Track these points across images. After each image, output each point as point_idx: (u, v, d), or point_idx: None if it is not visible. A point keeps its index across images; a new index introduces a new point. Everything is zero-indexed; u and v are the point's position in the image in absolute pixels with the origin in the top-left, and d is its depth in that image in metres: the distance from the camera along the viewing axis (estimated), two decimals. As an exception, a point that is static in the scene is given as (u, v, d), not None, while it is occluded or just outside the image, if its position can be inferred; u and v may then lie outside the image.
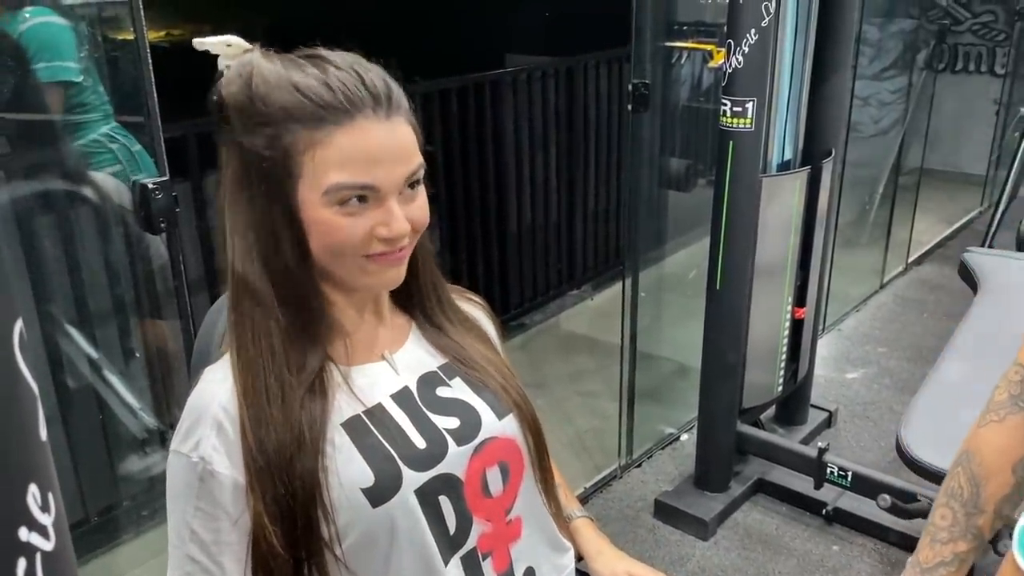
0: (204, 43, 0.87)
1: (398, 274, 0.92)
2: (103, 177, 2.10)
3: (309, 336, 0.90)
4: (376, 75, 0.87)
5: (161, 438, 1.92)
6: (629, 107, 2.51)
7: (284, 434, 0.85)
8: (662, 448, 3.05)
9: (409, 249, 0.91)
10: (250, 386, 0.87)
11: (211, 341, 1.07)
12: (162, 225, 1.48)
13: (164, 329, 2.04)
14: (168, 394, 2.01)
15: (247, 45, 0.87)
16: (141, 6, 1.42)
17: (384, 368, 0.97)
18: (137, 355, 2.05)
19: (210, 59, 0.88)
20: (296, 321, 0.89)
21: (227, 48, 0.87)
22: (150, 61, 1.45)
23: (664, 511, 2.67)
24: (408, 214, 0.88)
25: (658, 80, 2.72)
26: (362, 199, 0.85)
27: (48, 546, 0.39)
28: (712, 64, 4.34)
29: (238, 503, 0.86)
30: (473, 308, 1.11)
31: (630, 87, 2.49)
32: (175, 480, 0.89)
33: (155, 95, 1.46)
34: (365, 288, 0.94)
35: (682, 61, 4.27)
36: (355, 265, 0.88)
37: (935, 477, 1.97)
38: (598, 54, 4.15)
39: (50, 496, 0.40)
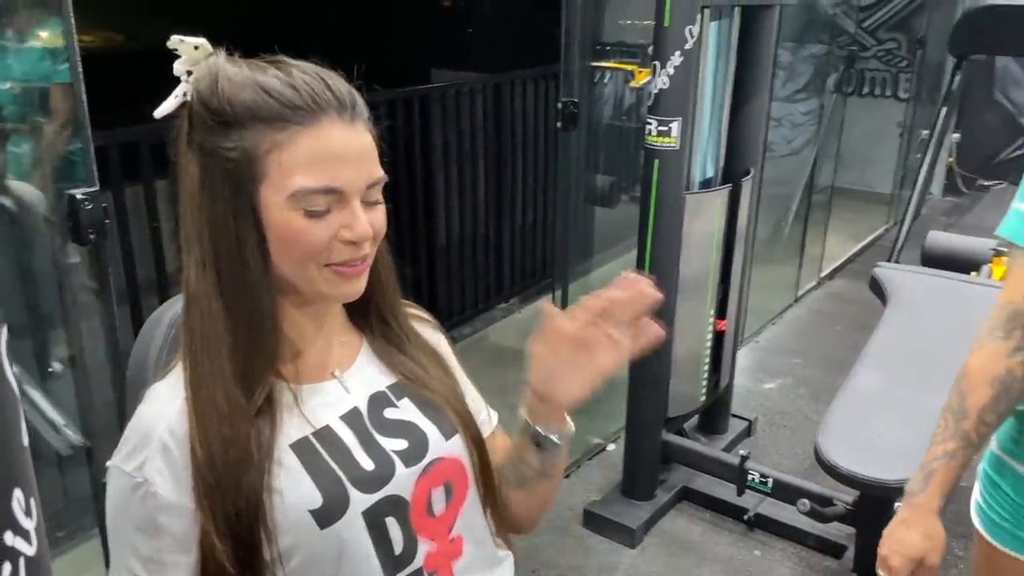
0: (181, 41, 0.86)
1: (358, 286, 0.92)
2: (21, 186, 2.04)
3: (261, 354, 0.89)
4: (340, 82, 0.88)
5: (88, 455, 1.86)
6: (558, 124, 2.56)
7: (233, 452, 0.85)
8: (590, 458, 3.10)
9: (369, 260, 0.92)
10: (200, 402, 0.86)
11: (148, 355, 1.05)
12: (91, 236, 1.45)
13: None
14: (92, 409, 1.95)
15: (211, 48, 0.88)
16: (72, 14, 1.40)
17: (334, 387, 0.97)
18: (59, 368, 1.99)
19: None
20: (249, 337, 0.88)
21: (194, 51, 0.86)
22: (80, 68, 1.42)
23: (592, 520, 2.71)
24: (371, 221, 0.88)
25: (583, 98, 2.79)
26: (326, 209, 0.86)
27: (31, 551, 0.40)
28: (633, 84, 4.46)
29: (181, 524, 0.85)
30: (424, 326, 1.12)
31: (559, 105, 2.55)
32: (116, 496, 0.88)
33: (86, 104, 1.44)
34: (324, 300, 0.93)
35: (605, 80, 4.38)
36: (317, 275, 0.88)
37: (852, 482, 2.07)
38: (524, 72, 4.22)
39: (32, 501, 0.41)
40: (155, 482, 0.85)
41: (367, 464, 0.93)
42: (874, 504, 2.26)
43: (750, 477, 2.53)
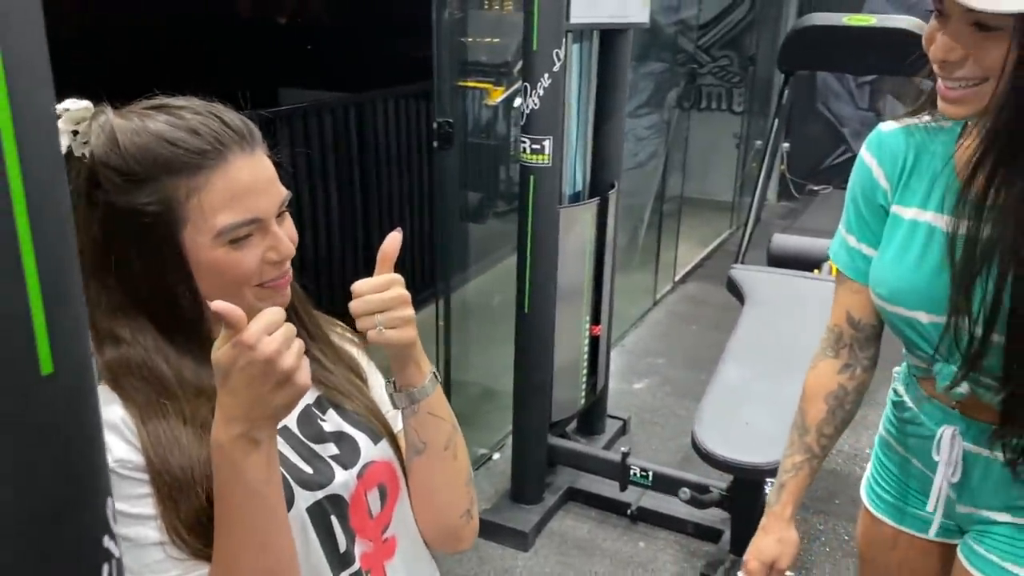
0: (67, 110, 0.86)
1: (287, 295, 0.97)
2: None
3: (210, 398, 0.92)
4: (231, 113, 0.92)
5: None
6: (434, 144, 2.64)
7: (194, 472, 0.87)
8: (476, 469, 3.17)
9: (290, 271, 0.97)
10: (155, 434, 0.88)
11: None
12: None
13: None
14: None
15: (92, 106, 0.89)
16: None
17: None
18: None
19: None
20: (199, 389, 0.91)
21: (75, 112, 0.87)
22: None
23: (485, 528, 2.78)
24: (286, 232, 0.94)
25: (454, 116, 2.87)
26: (248, 235, 0.90)
27: (118, 553, 0.44)
28: (488, 101, 4.60)
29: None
30: (341, 339, 1.16)
31: (435, 125, 2.62)
32: None
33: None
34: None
35: (465, 99, 4.48)
36: (249, 295, 0.92)
37: (727, 467, 2.24)
38: (385, 91, 4.26)
39: (115, 507, 0.44)
40: (131, 460, 0.86)
41: (307, 468, 0.98)
42: (747, 487, 2.45)
43: (632, 472, 2.68)
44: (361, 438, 1.04)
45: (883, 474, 1.39)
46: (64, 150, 0.87)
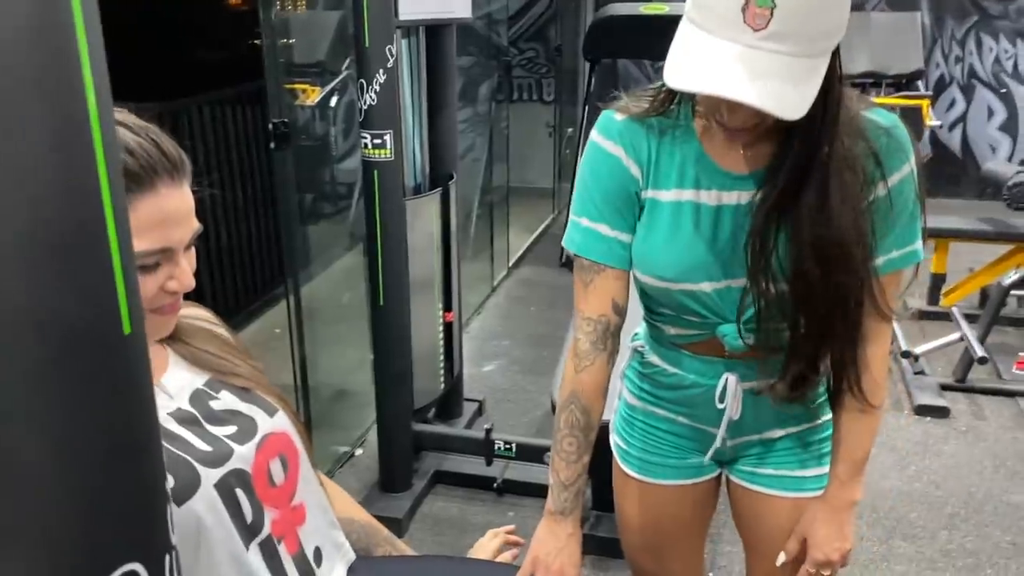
0: None
1: (173, 323, 1.01)
2: None
3: None
4: (168, 141, 0.94)
5: None
6: (272, 145, 2.63)
7: None
8: (340, 466, 3.19)
9: (180, 299, 1.00)
10: None
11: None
12: None
13: None
14: None
15: None
16: None
17: (158, 392, 1.03)
18: None
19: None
20: None
21: None
22: None
23: (359, 521, 2.82)
24: (189, 263, 0.97)
25: (290, 117, 2.86)
26: (155, 264, 0.92)
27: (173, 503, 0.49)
28: (305, 102, 4.57)
29: None
30: (201, 319, 1.19)
31: (271, 126, 2.61)
32: None
33: None
34: None
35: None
36: None
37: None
38: (202, 96, 4.14)
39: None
40: None
41: (206, 448, 1.01)
42: (600, 445, 2.63)
43: (497, 446, 2.81)
44: (256, 413, 1.09)
45: (642, 439, 1.46)
46: None
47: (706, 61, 1.03)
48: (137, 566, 0.42)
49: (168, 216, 0.91)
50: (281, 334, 3.13)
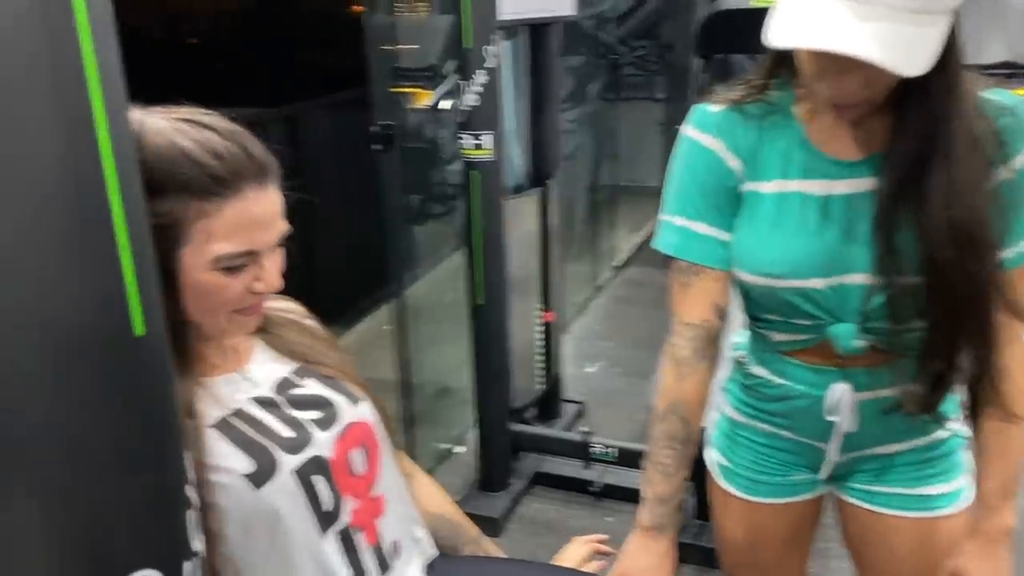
0: None
1: (255, 323, 1.02)
2: None
3: (186, 377, 0.96)
4: (256, 144, 0.95)
5: None
6: (376, 148, 2.68)
7: None
8: (440, 464, 3.22)
9: (265, 299, 1.01)
10: None
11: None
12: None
13: None
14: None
15: None
16: None
17: (240, 379, 1.05)
18: None
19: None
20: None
21: None
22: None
23: (456, 519, 2.83)
24: (276, 265, 0.98)
25: (395, 121, 2.91)
26: (244, 264, 0.94)
27: (197, 502, 0.48)
28: (415, 105, 4.64)
29: None
30: (291, 312, 1.20)
31: (373, 129, 2.66)
32: None
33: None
34: (226, 336, 1.02)
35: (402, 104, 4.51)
36: (225, 319, 0.97)
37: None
38: (318, 100, 4.28)
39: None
40: None
41: (288, 433, 1.02)
42: (702, 454, 2.55)
43: (596, 450, 2.76)
44: (339, 400, 1.09)
45: (747, 456, 1.37)
46: None
47: (814, 17, 0.96)
48: (152, 572, 0.42)
49: (253, 220, 0.92)
50: (389, 330, 3.18)
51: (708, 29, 4.93)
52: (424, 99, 4.54)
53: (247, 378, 1.05)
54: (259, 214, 0.93)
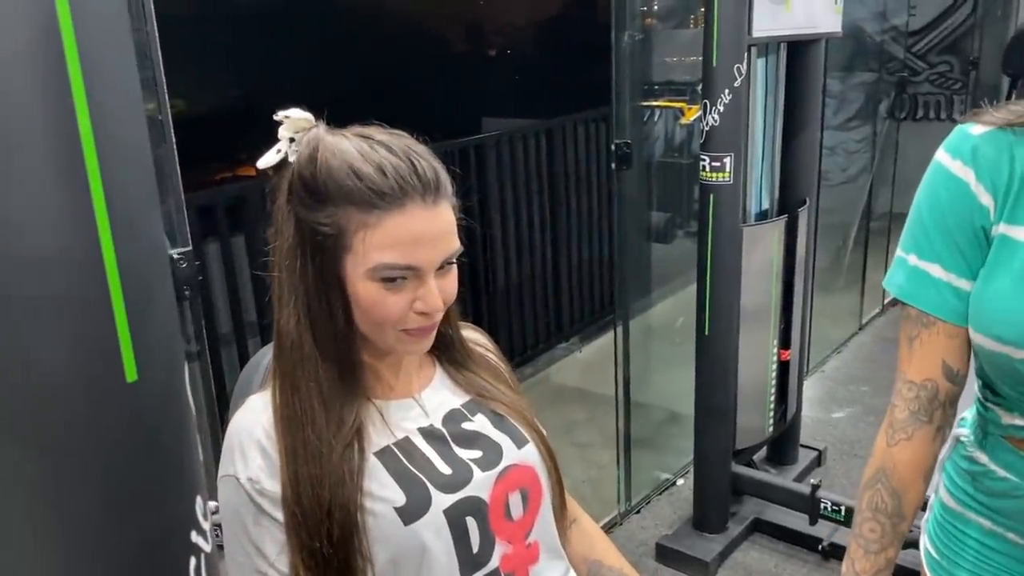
0: (287, 116, 0.95)
1: (428, 345, 1.01)
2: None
3: (350, 391, 0.98)
4: (426, 162, 0.94)
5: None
6: (613, 166, 2.64)
7: (322, 488, 0.92)
8: (659, 494, 3.11)
9: (439, 321, 0.99)
10: (290, 444, 0.94)
11: (247, 397, 1.14)
12: (186, 292, 1.56)
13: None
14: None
15: (312, 119, 0.96)
16: (165, 91, 1.53)
17: (413, 406, 1.05)
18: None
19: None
20: (340, 378, 0.96)
21: (296, 121, 0.95)
22: (174, 137, 1.54)
23: (665, 555, 2.72)
24: (441, 288, 0.96)
25: (634, 137, 2.86)
26: (403, 279, 0.93)
27: (207, 547, 0.47)
28: (684, 121, 4.53)
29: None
30: (479, 345, 1.19)
31: (613, 147, 2.62)
32: (228, 503, 0.95)
33: (178, 169, 1.56)
34: (398, 353, 1.02)
35: (655, 119, 4.45)
36: (392, 336, 0.97)
37: (926, 506, 2.05)
38: (575, 115, 4.32)
39: (208, 505, 0.48)
40: (260, 478, 0.92)
41: (446, 470, 1.00)
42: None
43: (823, 506, 2.52)
44: (505, 441, 1.06)
45: (959, 553, 1.17)
46: (280, 155, 0.95)
47: None
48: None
49: (415, 235, 0.92)
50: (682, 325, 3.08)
51: (1019, 45, 4.36)
52: (692, 114, 4.44)
53: (420, 404, 1.05)
54: (421, 230, 0.92)
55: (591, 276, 4.53)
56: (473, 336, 1.19)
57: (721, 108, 2.38)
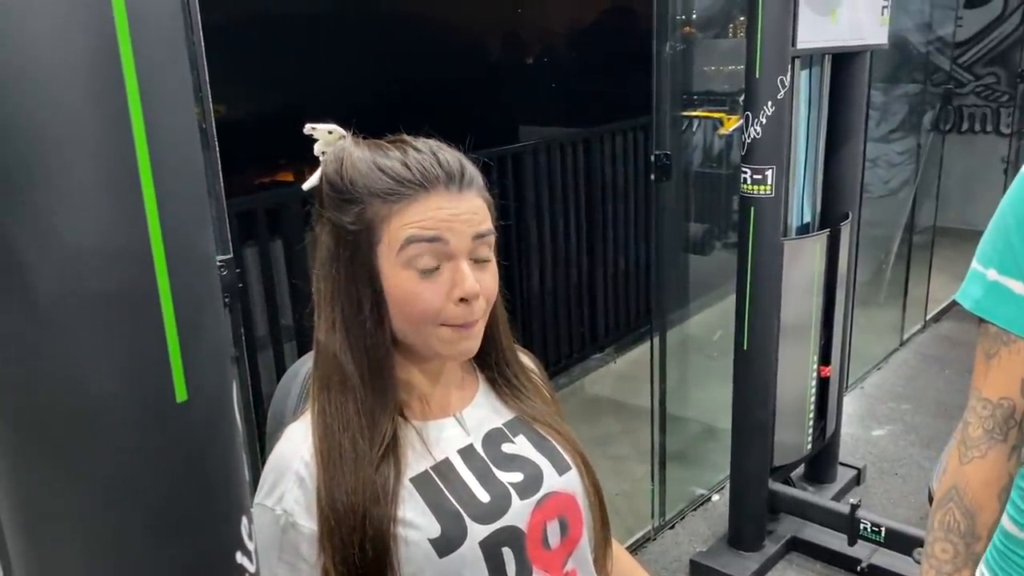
0: (314, 128, 0.96)
1: (472, 346, 0.98)
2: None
3: (384, 402, 0.96)
4: (451, 155, 0.95)
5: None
6: (652, 176, 2.62)
7: (356, 496, 0.91)
8: (694, 509, 3.07)
9: (483, 322, 0.98)
10: (326, 450, 0.93)
11: (285, 407, 1.13)
12: (226, 299, 1.56)
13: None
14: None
15: (343, 132, 0.97)
16: (209, 96, 1.54)
17: (453, 425, 1.03)
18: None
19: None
20: (373, 388, 0.95)
21: (328, 135, 0.96)
22: (217, 145, 1.55)
23: (699, 571, 2.68)
24: (480, 280, 0.94)
25: (673, 148, 2.84)
26: (436, 267, 0.92)
27: (252, 568, 0.46)
28: (722, 131, 4.49)
29: (316, 551, 0.93)
30: (531, 373, 1.18)
31: (652, 157, 2.60)
32: (260, 532, 0.95)
33: (221, 177, 1.57)
34: (439, 357, 1.00)
35: (693, 129, 4.42)
36: (432, 334, 0.95)
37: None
38: (612, 125, 4.30)
39: (253, 527, 0.48)
40: (295, 512, 0.92)
41: (483, 497, 0.98)
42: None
43: (862, 526, 2.47)
44: (546, 466, 1.03)
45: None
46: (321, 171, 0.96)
47: None
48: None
49: (441, 214, 0.92)
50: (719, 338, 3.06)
51: (1070, 56, 4.27)
52: (731, 125, 4.40)
53: (461, 423, 1.04)
54: (447, 211, 0.92)
55: (627, 286, 4.49)
56: (523, 360, 1.17)
57: (764, 120, 2.35)
